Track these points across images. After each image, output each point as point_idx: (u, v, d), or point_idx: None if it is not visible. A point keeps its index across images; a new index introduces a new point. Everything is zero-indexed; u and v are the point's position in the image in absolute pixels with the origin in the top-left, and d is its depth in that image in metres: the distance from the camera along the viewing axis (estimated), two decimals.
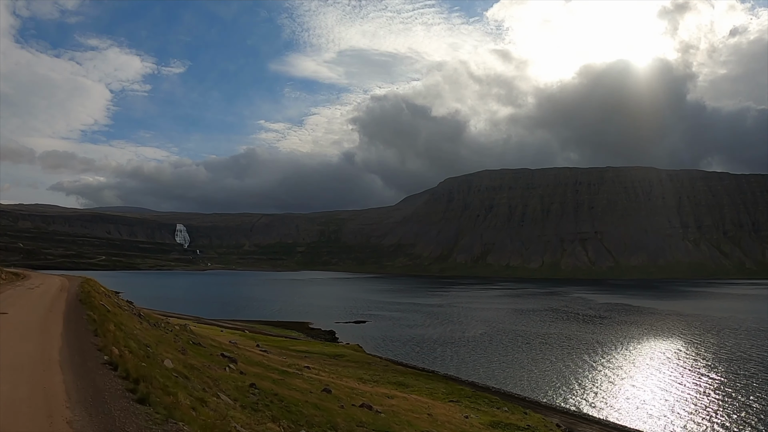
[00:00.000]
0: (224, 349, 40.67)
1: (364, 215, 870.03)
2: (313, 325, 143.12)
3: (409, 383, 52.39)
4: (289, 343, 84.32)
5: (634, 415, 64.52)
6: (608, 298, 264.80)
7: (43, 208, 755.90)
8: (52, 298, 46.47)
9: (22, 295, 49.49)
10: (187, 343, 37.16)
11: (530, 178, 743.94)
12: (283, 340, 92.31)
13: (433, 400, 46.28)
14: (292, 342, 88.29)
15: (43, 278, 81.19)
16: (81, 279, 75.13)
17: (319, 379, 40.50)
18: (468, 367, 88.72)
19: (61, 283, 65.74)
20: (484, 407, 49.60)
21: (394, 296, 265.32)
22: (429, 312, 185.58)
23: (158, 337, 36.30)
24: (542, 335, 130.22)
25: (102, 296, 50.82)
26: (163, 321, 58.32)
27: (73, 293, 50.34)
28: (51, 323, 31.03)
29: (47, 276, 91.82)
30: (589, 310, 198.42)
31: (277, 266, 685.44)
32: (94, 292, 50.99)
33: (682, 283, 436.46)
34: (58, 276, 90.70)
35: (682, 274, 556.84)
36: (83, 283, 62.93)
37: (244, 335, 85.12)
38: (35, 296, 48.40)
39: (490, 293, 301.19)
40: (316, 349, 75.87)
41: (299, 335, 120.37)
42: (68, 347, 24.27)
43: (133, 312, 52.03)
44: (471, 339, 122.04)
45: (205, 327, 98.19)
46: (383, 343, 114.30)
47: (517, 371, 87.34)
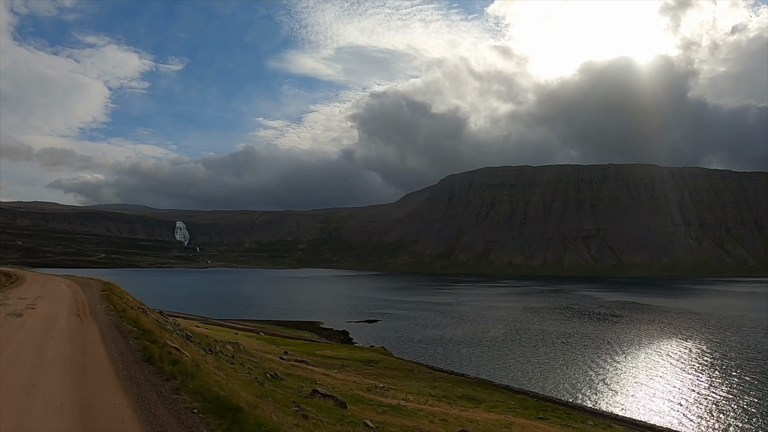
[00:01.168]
0: (313, 381, 35.31)
1: (364, 212, 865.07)
2: (324, 325, 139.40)
3: (477, 396, 47.69)
4: (312, 347, 79.87)
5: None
6: (616, 296, 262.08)
7: (42, 206, 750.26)
8: (63, 342, 24.89)
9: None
10: (264, 377, 28.82)
11: (532, 176, 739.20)
12: (303, 343, 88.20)
13: (527, 420, 42.12)
14: (316, 346, 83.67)
15: (43, 282, 60.97)
16: (97, 284, 58.51)
17: (432, 411, 36.31)
18: (511, 373, 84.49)
19: (73, 295, 44.15)
20: (574, 423, 45.72)
21: (401, 294, 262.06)
22: (441, 311, 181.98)
23: (241, 382, 25.10)
24: (564, 335, 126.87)
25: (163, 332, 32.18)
26: (214, 342, 44.39)
27: (106, 326, 29.57)
28: None
29: (48, 278, 72.33)
30: (601, 309, 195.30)
31: (278, 264, 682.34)
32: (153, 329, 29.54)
33: (686, 281, 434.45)
34: (63, 278, 73.23)
35: (685, 272, 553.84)
36: (109, 297, 42.27)
37: (261, 338, 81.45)
38: (21, 339, 24.84)
39: (496, 291, 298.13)
40: (345, 354, 71.38)
41: (313, 336, 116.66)
42: None
43: (179, 333, 38.52)
44: (496, 340, 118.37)
45: (217, 328, 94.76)
46: (406, 344, 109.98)
47: (562, 377, 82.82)
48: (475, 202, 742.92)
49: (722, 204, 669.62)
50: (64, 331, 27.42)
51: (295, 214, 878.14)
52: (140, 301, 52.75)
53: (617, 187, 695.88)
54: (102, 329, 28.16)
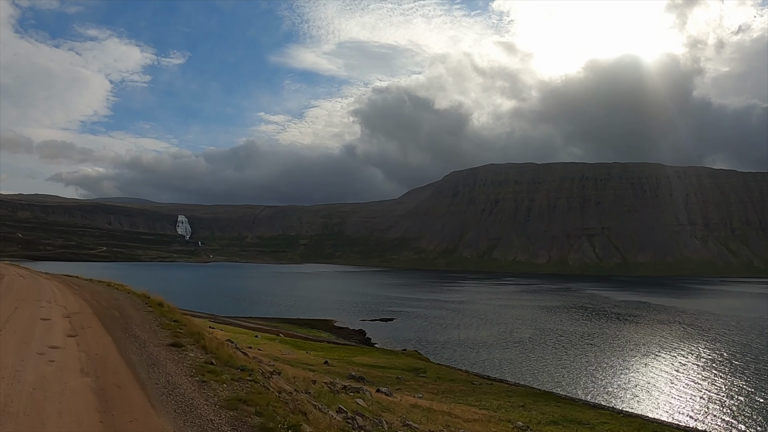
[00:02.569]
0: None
1: (367, 208, 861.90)
2: (338, 324, 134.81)
3: (583, 419, 42.88)
4: (344, 352, 74.72)
5: None
6: (626, 295, 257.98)
7: (43, 198, 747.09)
8: None
9: None
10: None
11: (536, 173, 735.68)
12: (332, 347, 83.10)
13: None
14: (347, 351, 78.37)
15: (16, 300, 33.21)
16: (130, 302, 36.26)
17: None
18: (567, 381, 78.85)
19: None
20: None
21: (408, 291, 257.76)
22: (455, 309, 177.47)
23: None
24: (589, 335, 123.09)
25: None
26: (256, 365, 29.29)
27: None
28: None
29: (34, 282, 46.28)
30: (617, 309, 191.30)
31: (280, 259, 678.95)
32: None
33: (693, 281, 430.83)
34: (58, 283, 46.45)
35: (690, 272, 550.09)
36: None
37: (285, 342, 76.67)
38: None
39: (505, 289, 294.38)
40: (385, 362, 65.94)
41: (330, 336, 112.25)
42: None
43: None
44: (525, 342, 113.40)
45: (231, 329, 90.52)
46: (433, 347, 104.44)
47: (624, 386, 77.18)
48: (479, 198, 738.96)
49: (727, 204, 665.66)
50: None
51: (298, 209, 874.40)
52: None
53: (622, 186, 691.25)
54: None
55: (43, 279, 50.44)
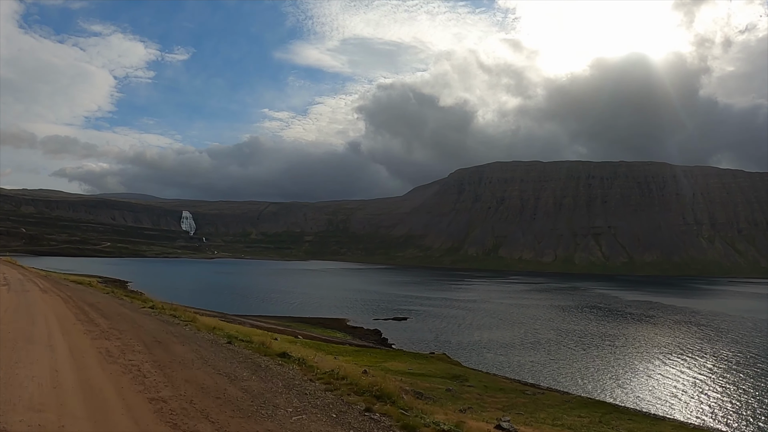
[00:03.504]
0: None
1: (372, 205, 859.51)
2: (351, 323, 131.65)
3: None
4: (373, 357, 70.88)
5: None
6: (635, 295, 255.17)
7: (47, 193, 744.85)
8: None
9: None
10: None
11: (542, 171, 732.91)
12: (355, 350, 79.57)
13: None
14: (376, 355, 74.26)
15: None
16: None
17: None
18: (610, 387, 75.05)
19: None
20: None
21: (417, 289, 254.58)
22: (469, 308, 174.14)
23: None
24: (611, 337, 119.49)
25: None
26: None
27: None
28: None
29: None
30: (630, 309, 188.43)
31: (285, 255, 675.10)
32: None
33: (700, 281, 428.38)
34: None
35: (696, 272, 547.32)
36: None
37: (307, 344, 73.56)
38: None
39: (514, 288, 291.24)
40: (419, 368, 61.82)
41: (346, 336, 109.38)
42: None
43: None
44: (550, 344, 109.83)
45: (248, 331, 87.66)
46: (458, 349, 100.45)
47: (674, 394, 73.17)
48: (484, 196, 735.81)
49: (734, 204, 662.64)
50: None
51: (302, 206, 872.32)
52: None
53: (629, 185, 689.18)
54: None
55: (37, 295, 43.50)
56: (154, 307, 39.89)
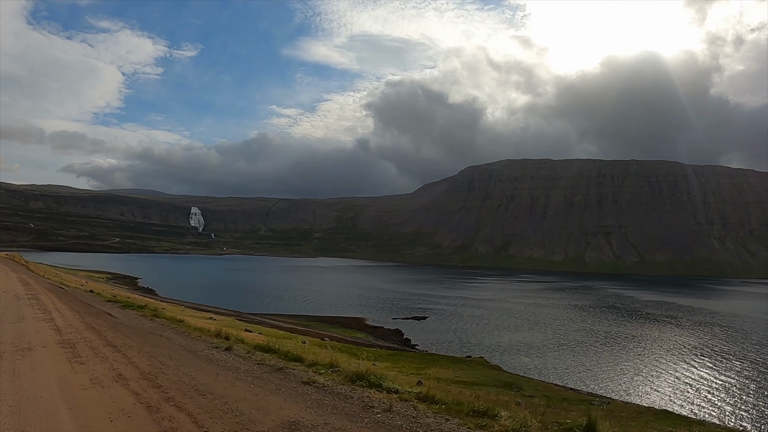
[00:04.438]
0: None
1: (381, 202, 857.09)
2: (370, 322, 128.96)
3: None
4: (411, 362, 67.29)
5: None
6: (650, 295, 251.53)
7: (55, 189, 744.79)
8: None
9: None
10: None
11: (552, 169, 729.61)
12: (391, 354, 76.75)
13: None
14: (414, 361, 70.64)
15: None
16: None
17: None
18: (660, 395, 71.32)
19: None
20: None
21: (431, 288, 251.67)
22: (487, 307, 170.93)
23: None
24: (636, 338, 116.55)
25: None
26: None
27: None
28: None
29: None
30: (648, 309, 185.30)
31: (294, 252, 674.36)
32: None
33: (712, 281, 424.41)
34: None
35: (707, 272, 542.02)
36: None
37: (337, 348, 70.59)
38: None
39: (528, 287, 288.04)
40: (464, 375, 58.75)
41: (368, 337, 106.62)
42: None
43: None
44: (583, 346, 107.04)
45: (270, 332, 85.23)
46: (491, 352, 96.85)
47: (732, 402, 71.30)
48: (494, 194, 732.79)
49: (745, 204, 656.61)
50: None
51: (311, 202, 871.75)
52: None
53: (639, 184, 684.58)
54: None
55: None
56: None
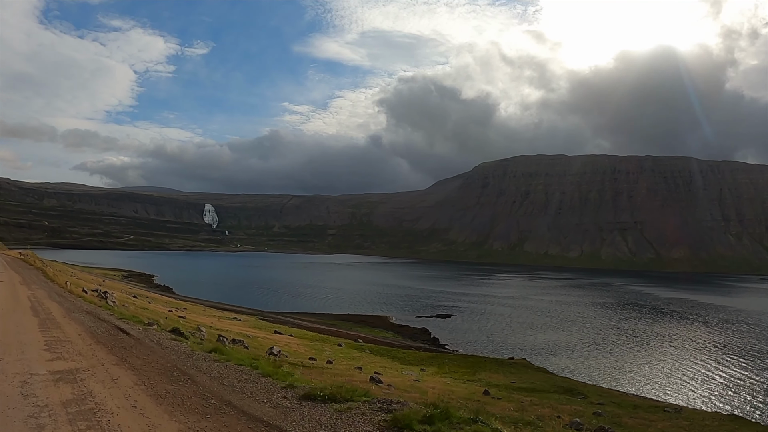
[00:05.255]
0: None
1: (395, 198, 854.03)
2: (394, 321, 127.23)
3: None
4: (459, 367, 64.59)
5: None
6: (670, 292, 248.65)
7: (69, 186, 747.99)
8: None
9: None
10: None
11: (567, 165, 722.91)
12: (433, 357, 74.27)
13: None
14: (460, 363, 68.02)
15: None
16: None
17: None
18: (721, 398, 69.22)
19: None
20: None
21: (449, 284, 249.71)
22: (510, 305, 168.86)
23: None
24: (670, 337, 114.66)
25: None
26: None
27: None
28: None
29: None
30: (672, 306, 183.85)
31: (308, 249, 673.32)
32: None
33: (730, 279, 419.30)
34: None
35: (724, 269, 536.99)
36: None
37: (376, 351, 68.61)
38: None
39: (547, 283, 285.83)
40: (518, 380, 56.03)
41: (396, 337, 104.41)
42: None
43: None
44: (621, 346, 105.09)
45: (302, 334, 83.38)
46: (527, 353, 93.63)
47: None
48: (509, 190, 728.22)
49: (762, 200, 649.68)
50: None
51: (325, 199, 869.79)
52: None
53: (655, 180, 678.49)
54: None
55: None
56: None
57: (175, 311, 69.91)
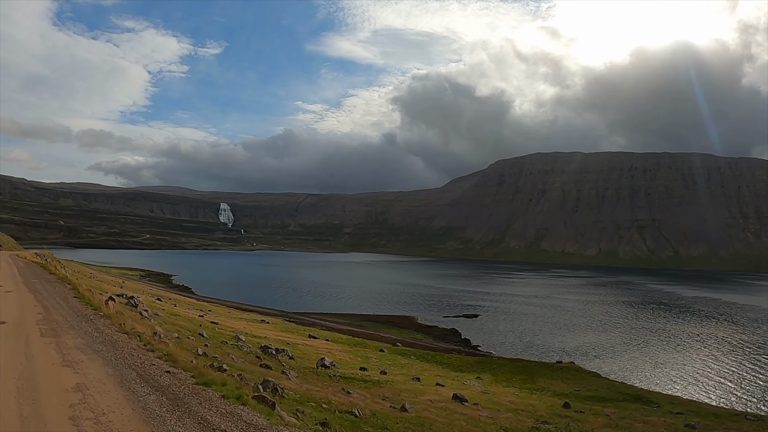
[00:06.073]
0: None
1: (411, 197, 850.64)
2: (422, 321, 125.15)
3: None
4: (510, 373, 61.70)
5: None
6: (692, 291, 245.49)
7: (84, 186, 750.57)
8: None
9: None
10: None
11: (583, 162, 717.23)
12: (480, 362, 71.73)
13: None
14: (510, 369, 65.33)
15: None
16: None
17: None
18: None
19: None
20: None
21: (471, 283, 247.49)
22: (536, 304, 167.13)
23: None
24: (702, 337, 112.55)
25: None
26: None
27: None
28: None
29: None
30: (697, 306, 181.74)
31: (325, 247, 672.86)
32: None
33: (750, 277, 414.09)
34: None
35: (743, 267, 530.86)
36: None
37: (423, 357, 66.25)
38: None
39: (568, 282, 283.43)
40: (585, 389, 53.56)
41: (426, 338, 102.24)
42: None
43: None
44: (658, 347, 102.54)
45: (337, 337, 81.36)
46: (570, 355, 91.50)
47: None
48: (525, 188, 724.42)
49: None
50: None
51: (341, 197, 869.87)
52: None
53: (672, 176, 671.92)
54: None
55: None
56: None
57: (205, 316, 67.66)
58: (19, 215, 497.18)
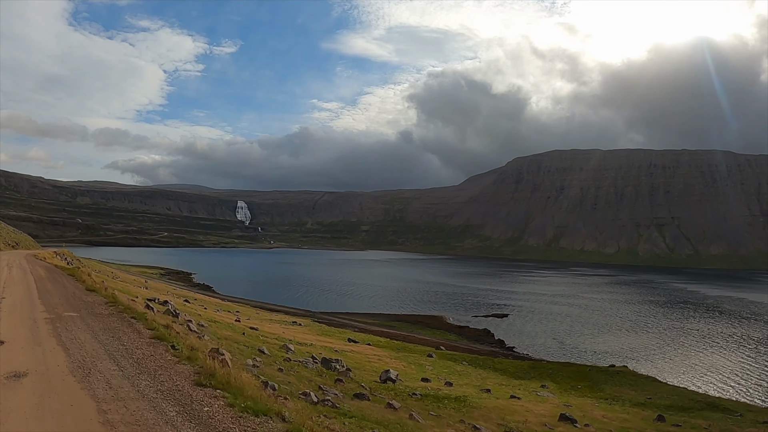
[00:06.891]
0: None
1: (428, 194, 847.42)
2: (451, 321, 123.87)
3: None
4: (571, 380, 59.06)
5: None
6: (715, 290, 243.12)
7: (102, 184, 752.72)
8: None
9: None
10: None
11: (602, 159, 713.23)
12: (533, 367, 69.71)
13: None
14: (568, 374, 62.66)
15: None
16: None
17: None
18: None
19: None
20: None
21: (494, 282, 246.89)
22: (563, 303, 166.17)
23: None
24: (739, 338, 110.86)
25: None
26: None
27: None
28: None
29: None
30: (724, 305, 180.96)
31: (342, 245, 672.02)
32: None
33: None
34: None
35: (764, 265, 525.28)
36: None
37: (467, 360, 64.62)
38: None
39: (591, 280, 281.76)
40: (658, 397, 51.01)
41: (459, 339, 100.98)
42: None
43: None
44: (703, 349, 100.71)
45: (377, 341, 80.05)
46: (614, 357, 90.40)
47: None
48: (543, 185, 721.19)
49: None
50: None
51: (358, 195, 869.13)
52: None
53: (691, 174, 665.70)
54: None
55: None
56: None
57: (241, 321, 65.46)
58: (37, 213, 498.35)
